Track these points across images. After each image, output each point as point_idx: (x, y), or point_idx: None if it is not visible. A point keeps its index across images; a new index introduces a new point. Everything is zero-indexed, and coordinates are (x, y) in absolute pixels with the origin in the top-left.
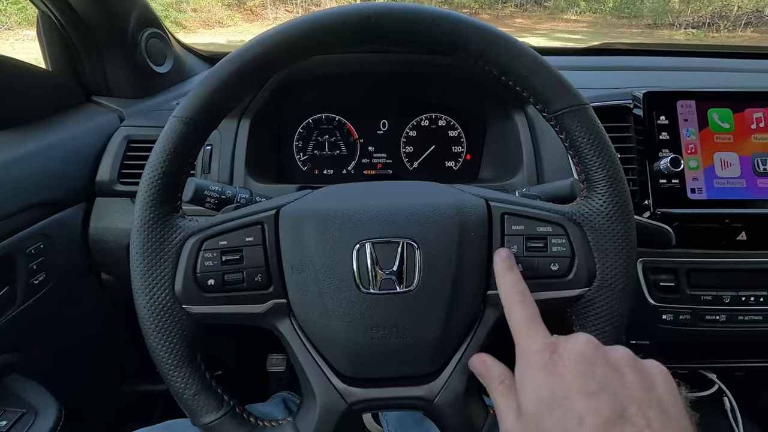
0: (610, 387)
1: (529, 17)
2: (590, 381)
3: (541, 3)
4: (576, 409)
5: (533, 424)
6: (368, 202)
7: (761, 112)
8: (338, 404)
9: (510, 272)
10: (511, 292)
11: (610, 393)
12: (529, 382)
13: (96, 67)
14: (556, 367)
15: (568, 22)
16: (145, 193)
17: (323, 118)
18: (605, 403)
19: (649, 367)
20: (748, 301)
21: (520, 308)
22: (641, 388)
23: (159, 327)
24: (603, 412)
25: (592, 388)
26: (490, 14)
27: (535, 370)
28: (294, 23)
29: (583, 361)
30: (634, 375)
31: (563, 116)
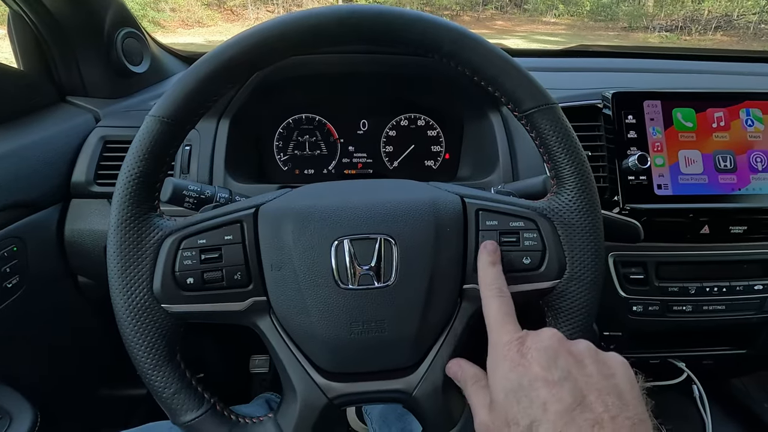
0: (572, 376)
1: (509, 19)
2: (554, 371)
3: (520, 6)
4: (540, 397)
5: (502, 413)
6: (346, 199)
7: (721, 111)
8: (319, 399)
9: (492, 267)
10: (491, 286)
11: (571, 381)
12: (498, 373)
13: (70, 66)
14: (524, 359)
15: (547, 24)
16: (121, 193)
17: (303, 118)
18: (567, 391)
19: (608, 358)
20: (712, 292)
21: (497, 303)
22: (601, 376)
23: (137, 327)
24: (565, 400)
25: (555, 377)
26: (471, 16)
27: (504, 361)
28: (270, 24)
29: (548, 353)
30: (594, 365)
31: (533, 115)
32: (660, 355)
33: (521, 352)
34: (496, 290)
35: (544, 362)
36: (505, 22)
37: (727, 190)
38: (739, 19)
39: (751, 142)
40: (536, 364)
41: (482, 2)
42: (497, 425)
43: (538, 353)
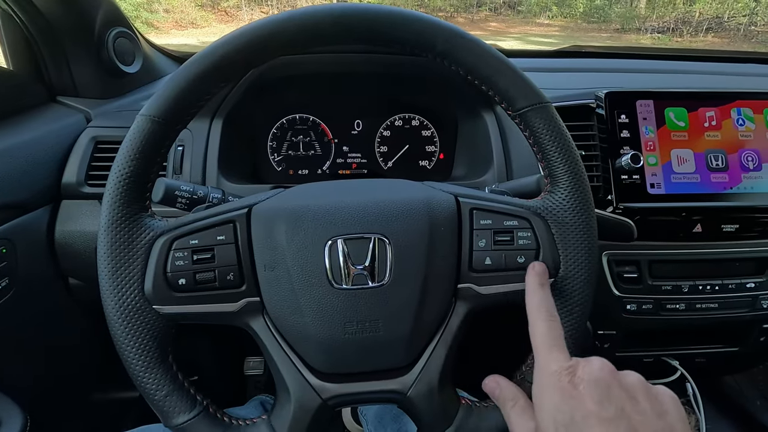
0: (626, 414)
1: (503, 21)
2: (607, 406)
3: (514, 7)
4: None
5: None
6: (340, 199)
7: (713, 111)
8: (313, 400)
9: (541, 289)
10: (539, 309)
11: (626, 420)
12: (548, 403)
13: (61, 66)
14: (575, 391)
15: (541, 26)
16: (112, 193)
17: (297, 118)
18: (622, 430)
19: (660, 393)
20: (705, 290)
21: (546, 327)
22: (654, 415)
23: (128, 328)
24: None
25: (610, 414)
26: (465, 18)
27: (554, 391)
28: (262, 22)
29: (600, 386)
30: (647, 402)
31: (527, 114)
32: (654, 354)
33: (573, 383)
34: (546, 313)
35: (597, 397)
36: (499, 23)
37: (719, 189)
38: (730, 21)
39: (743, 141)
40: (589, 398)
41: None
42: None
43: (590, 386)
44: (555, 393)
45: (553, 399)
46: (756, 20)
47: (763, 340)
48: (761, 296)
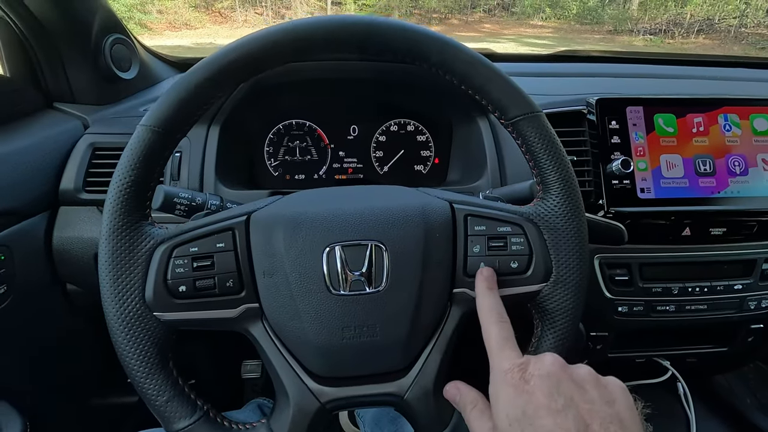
0: (575, 403)
1: (497, 22)
2: (557, 398)
3: (508, 9)
4: (545, 426)
5: None
6: (337, 206)
7: (701, 117)
8: (311, 404)
9: (490, 293)
10: (491, 312)
11: (574, 409)
12: (502, 400)
13: (58, 73)
14: (527, 386)
15: (535, 27)
16: (113, 202)
17: (294, 124)
18: (571, 420)
19: (609, 383)
20: (694, 292)
21: (496, 329)
22: (603, 403)
23: (130, 335)
24: (569, 429)
25: (559, 405)
26: (459, 19)
27: (506, 388)
28: (260, 35)
29: (550, 380)
30: (596, 391)
31: (519, 123)
32: (645, 354)
33: (524, 378)
34: (496, 315)
35: (546, 390)
36: (493, 25)
37: (707, 193)
38: (721, 23)
39: (729, 146)
40: (539, 391)
41: (470, 5)
42: None
43: (541, 380)
44: (508, 389)
45: (506, 395)
46: (746, 22)
47: (750, 339)
48: (748, 297)
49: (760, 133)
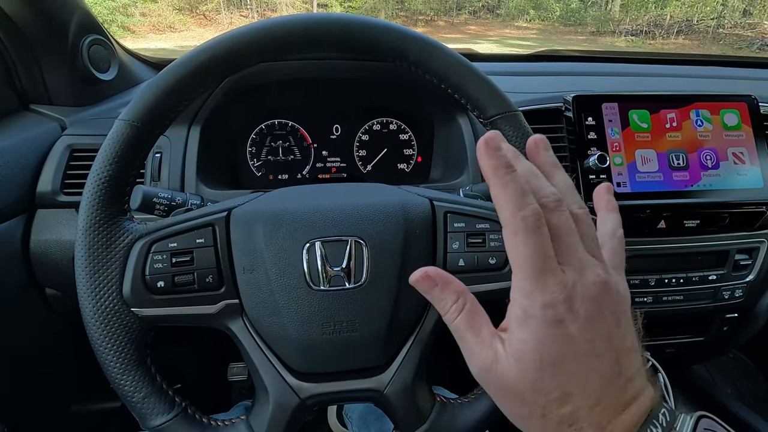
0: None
1: (482, 24)
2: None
3: (493, 11)
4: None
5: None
6: (318, 202)
7: (674, 113)
8: (291, 400)
9: (510, 176)
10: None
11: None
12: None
13: (33, 74)
14: (568, 329)
15: (519, 29)
16: (90, 196)
17: (276, 123)
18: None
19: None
20: (670, 283)
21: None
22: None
23: (106, 331)
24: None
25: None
26: (445, 21)
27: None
28: (240, 31)
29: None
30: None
31: (497, 122)
32: None
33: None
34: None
35: (589, 334)
36: (478, 26)
37: (680, 187)
38: (699, 24)
39: (701, 141)
40: (582, 337)
41: (456, 7)
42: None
43: (585, 323)
44: (545, 330)
45: (542, 336)
46: (723, 23)
47: (726, 329)
48: (722, 287)
49: (730, 128)
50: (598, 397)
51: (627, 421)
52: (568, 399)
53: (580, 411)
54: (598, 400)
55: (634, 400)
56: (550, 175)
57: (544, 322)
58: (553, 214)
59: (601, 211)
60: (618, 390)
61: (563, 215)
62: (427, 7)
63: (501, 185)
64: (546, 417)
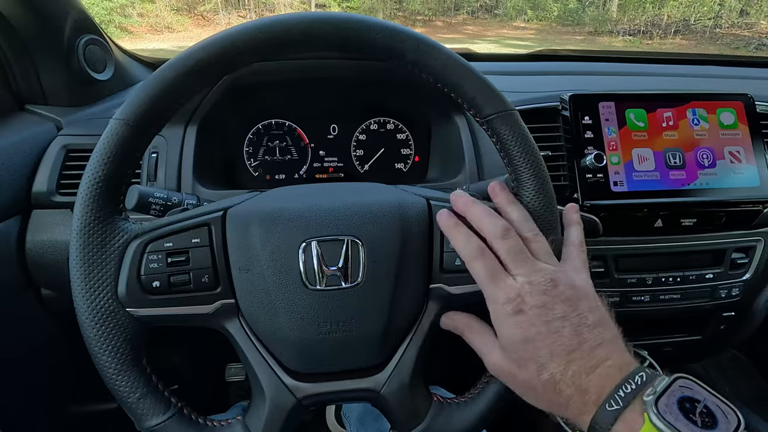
0: (569, 320)
1: (480, 24)
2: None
3: (491, 11)
4: (545, 345)
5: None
6: (314, 202)
7: (670, 111)
8: (287, 400)
9: (457, 228)
10: (466, 247)
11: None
12: (503, 329)
13: (29, 74)
14: (524, 316)
15: (517, 29)
16: (85, 196)
17: (273, 123)
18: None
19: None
20: (667, 282)
21: (480, 263)
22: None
23: (101, 331)
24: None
25: (556, 326)
26: (443, 21)
27: (506, 319)
28: (237, 30)
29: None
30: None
31: (493, 121)
32: None
33: (521, 310)
34: (476, 249)
35: (542, 316)
36: (476, 26)
37: (677, 186)
38: (696, 24)
39: (698, 140)
40: (536, 318)
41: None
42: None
43: (536, 309)
44: (507, 320)
45: (507, 325)
46: (720, 23)
47: (723, 327)
48: (720, 286)
49: (726, 127)
50: (567, 362)
51: (599, 379)
52: (544, 368)
53: (555, 376)
54: (567, 365)
55: (602, 362)
56: (506, 212)
57: (507, 314)
58: (503, 241)
59: (567, 226)
60: (583, 355)
61: (511, 240)
62: (425, 8)
63: (454, 236)
64: (536, 388)
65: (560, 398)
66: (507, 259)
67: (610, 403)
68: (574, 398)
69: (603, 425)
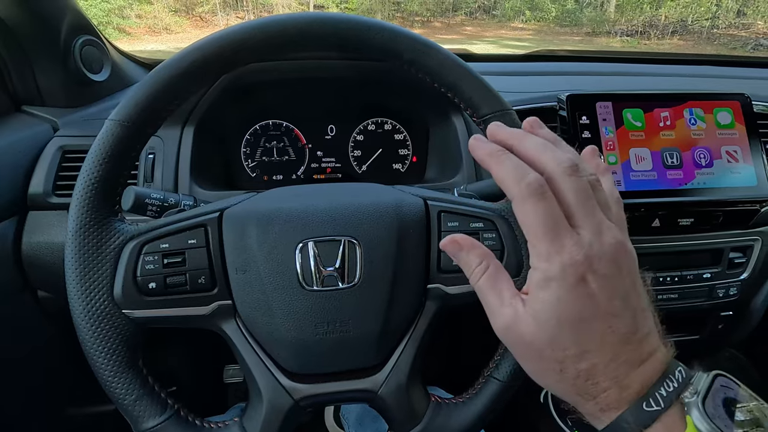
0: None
1: (478, 25)
2: (615, 302)
3: (489, 11)
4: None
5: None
6: (311, 202)
7: (667, 111)
8: (285, 401)
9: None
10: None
11: (630, 311)
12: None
13: (25, 75)
14: (588, 288)
15: (515, 29)
16: (80, 197)
17: (271, 124)
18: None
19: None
20: (665, 281)
21: (542, 207)
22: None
23: (97, 333)
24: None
25: (617, 309)
26: (441, 22)
27: (563, 287)
28: (234, 29)
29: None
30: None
31: (491, 121)
32: None
33: (586, 279)
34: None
35: (608, 293)
36: (475, 27)
37: (674, 185)
38: (694, 24)
39: (695, 139)
40: (602, 295)
41: (452, 8)
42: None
43: (605, 281)
44: (565, 289)
45: (563, 296)
46: (718, 23)
47: (721, 327)
48: (717, 285)
49: (723, 126)
50: (615, 353)
51: (643, 375)
52: (585, 355)
53: (597, 367)
54: (614, 357)
55: (650, 356)
56: (555, 146)
57: (566, 281)
58: (570, 179)
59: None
60: (634, 347)
61: (581, 180)
62: (423, 9)
63: (498, 164)
64: (563, 372)
65: (592, 389)
66: (576, 205)
67: (648, 402)
68: (610, 392)
69: (634, 426)
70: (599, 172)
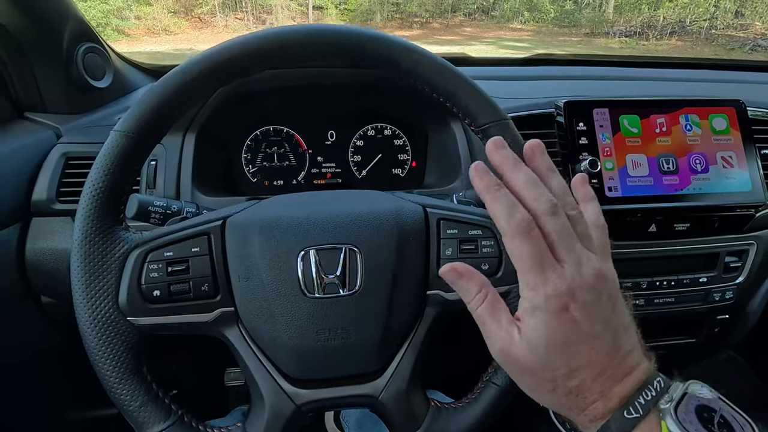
0: (611, 327)
1: (477, 26)
2: (596, 325)
3: (488, 12)
4: (582, 351)
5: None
6: (312, 210)
7: (663, 117)
8: (287, 406)
9: (498, 191)
10: (511, 221)
11: (610, 332)
12: (541, 326)
13: (28, 82)
14: (570, 315)
15: (514, 30)
16: (86, 207)
17: (271, 130)
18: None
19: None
20: (662, 285)
21: (527, 245)
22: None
23: (102, 340)
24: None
25: (598, 330)
26: (440, 23)
27: (548, 314)
28: (237, 41)
29: (593, 307)
30: (624, 305)
31: (488, 130)
32: None
33: (568, 307)
34: (523, 224)
35: (589, 318)
36: (474, 28)
37: (670, 191)
38: (692, 25)
39: (691, 145)
40: (584, 320)
41: (451, 9)
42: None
43: (585, 308)
44: (550, 317)
45: (548, 322)
46: (716, 24)
47: (717, 330)
48: (713, 289)
49: (718, 132)
50: (601, 369)
51: (625, 387)
52: (575, 374)
53: (585, 382)
54: (600, 373)
55: (633, 370)
56: (546, 179)
57: (550, 311)
58: (550, 219)
59: (580, 203)
60: (617, 363)
61: (560, 218)
62: (422, 10)
63: (493, 200)
64: (556, 390)
65: (581, 403)
66: (557, 242)
67: (629, 410)
68: (597, 404)
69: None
70: (586, 200)
